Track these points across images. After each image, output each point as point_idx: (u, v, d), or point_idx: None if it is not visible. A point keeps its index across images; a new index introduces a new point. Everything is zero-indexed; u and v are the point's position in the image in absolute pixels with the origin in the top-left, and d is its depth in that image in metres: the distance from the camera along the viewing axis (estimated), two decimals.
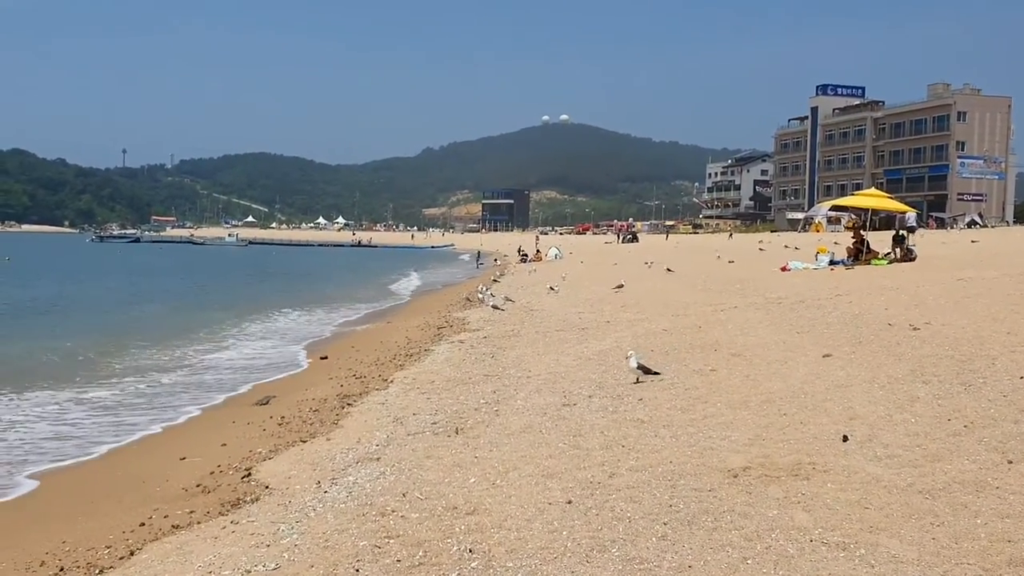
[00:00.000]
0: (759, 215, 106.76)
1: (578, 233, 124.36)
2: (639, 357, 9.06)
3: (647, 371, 8.85)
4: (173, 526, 6.04)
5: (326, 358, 14.90)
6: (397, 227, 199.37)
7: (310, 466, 7.03)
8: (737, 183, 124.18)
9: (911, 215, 27.53)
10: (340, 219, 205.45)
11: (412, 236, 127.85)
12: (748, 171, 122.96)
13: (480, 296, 22.01)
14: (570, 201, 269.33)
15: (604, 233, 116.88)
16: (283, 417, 9.58)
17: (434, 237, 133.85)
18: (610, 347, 11.65)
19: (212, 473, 7.47)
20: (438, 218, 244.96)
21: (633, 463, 6.13)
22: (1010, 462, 5.50)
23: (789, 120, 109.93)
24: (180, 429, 9.90)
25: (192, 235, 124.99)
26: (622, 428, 7.14)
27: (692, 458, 6.11)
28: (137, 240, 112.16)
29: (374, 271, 50.39)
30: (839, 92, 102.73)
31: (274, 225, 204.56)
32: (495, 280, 30.49)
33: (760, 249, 37.98)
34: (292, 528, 5.47)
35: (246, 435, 8.94)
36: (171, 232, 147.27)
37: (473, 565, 4.59)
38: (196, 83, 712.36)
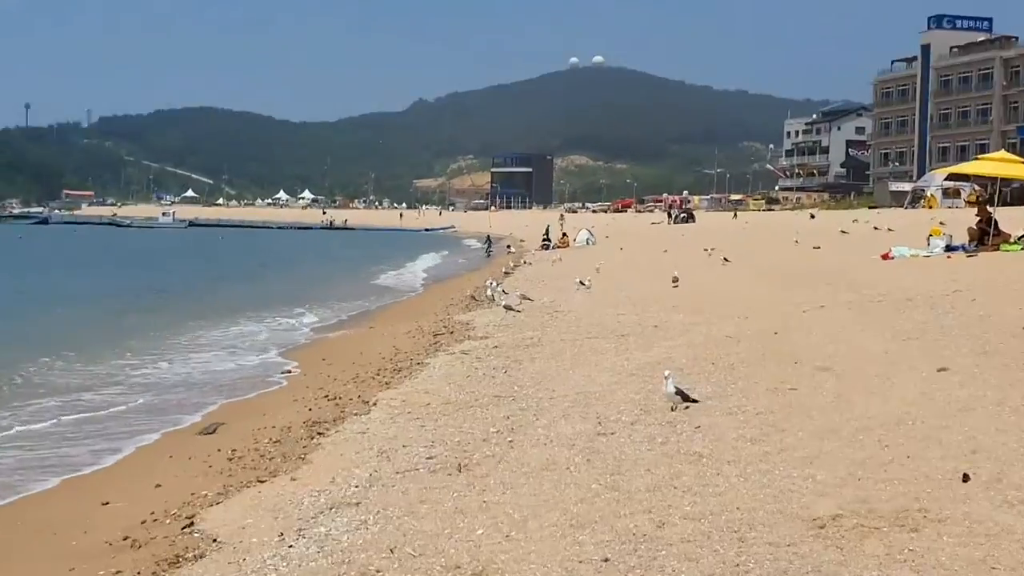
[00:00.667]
0: (853, 186, 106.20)
1: (616, 211, 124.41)
2: (677, 380, 9.07)
3: (686, 398, 8.88)
4: None
5: (290, 372, 15.03)
6: (380, 204, 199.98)
7: (270, 513, 7.08)
8: (824, 144, 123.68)
9: None
10: (306, 194, 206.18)
11: (401, 216, 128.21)
12: (839, 129, 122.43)
13: (489, 293, 22.07)
14: (605, 169, 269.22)
15: (650, 211, 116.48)
16: (234, 450, 9.66)
17: (429, 216, 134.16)
18: (658, 359, 11.67)
19: (144, 522, 7.53)
20: (434, 192, 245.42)
21: (688, 509, 6.14)
22: None
23: (893, 62, 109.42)
24: (105, 467, 9.99)
25: (115, 214, 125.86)
26: (674, 464, 7.17)
27: (766, 503, 6.12)
28: (45, 221, 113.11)
29: (353, 261, 50.62)
30: (959, 25, 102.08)
31: (221, 201, 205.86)
32: (507, 272, 30.59)
33: (843, 232, 37.81)
34: None
35: (187, 473, 9.02)
36: (88, 211, 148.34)
37: None
38: (119, 21, 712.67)
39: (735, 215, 75.72)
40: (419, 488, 7.20)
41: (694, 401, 8.96)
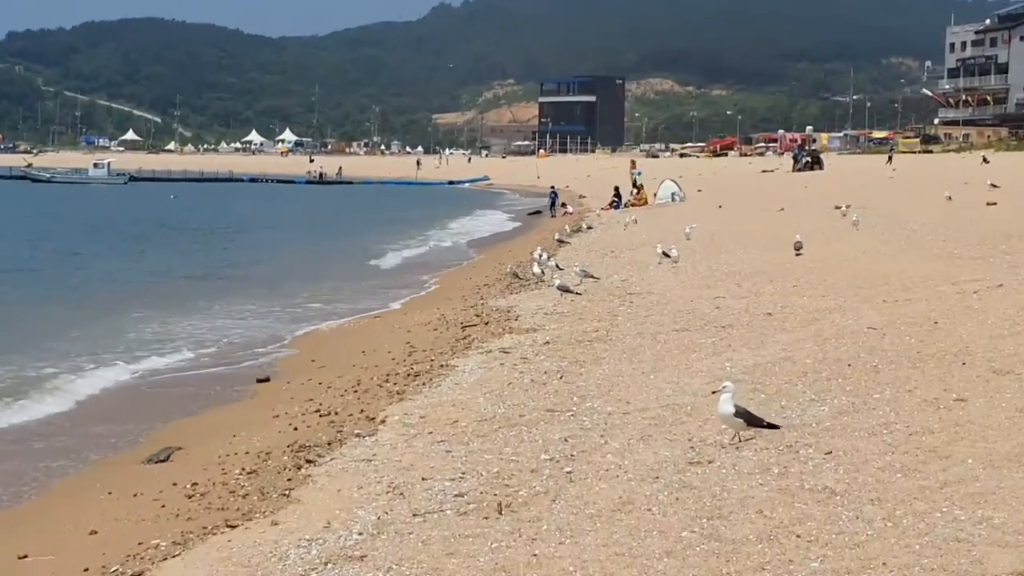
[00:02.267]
0: None
1: (713, 154, 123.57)
2: (736, 397, 8.68)
3: (753, 421, 8.57)
4: None
5: (267, 380, 15.11)
6: (387, 148, 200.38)
7: (244, 569, 7.14)
8: (1002, 61, 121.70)
9: None
10: (287, 135, 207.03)
11: (418, 163, 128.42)
12: (1022, 39, 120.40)
13: (536, 269, 22.01)
14: (698, 97, 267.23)
15: (761, 154, 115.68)
16: (195, 484, 9.75)
17: (455, 164, 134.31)
18: (774, 358, 11.60)
19: None
20: (461, 131, 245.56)
21: (817, 567, 6.12)
22: None
23: None
24: (21, 507, 10.13)
25: (30, 164, 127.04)
26: (796, 504, 7.15)
27: (923, 557, 6.09)
28: None
29: (351, 230, 50.75)
30: None
31: (173, 147, 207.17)
32: (562, 241, 30.52)
33: (993, 187, 36.83)
34: None
35: (132, 516, 9.12)
36: None
37: None
38: None
39: (890, 158, 74.51)
40: (445, 536, 7.22)
41: (771, 427, 8.65)
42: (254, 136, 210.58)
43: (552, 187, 57.03)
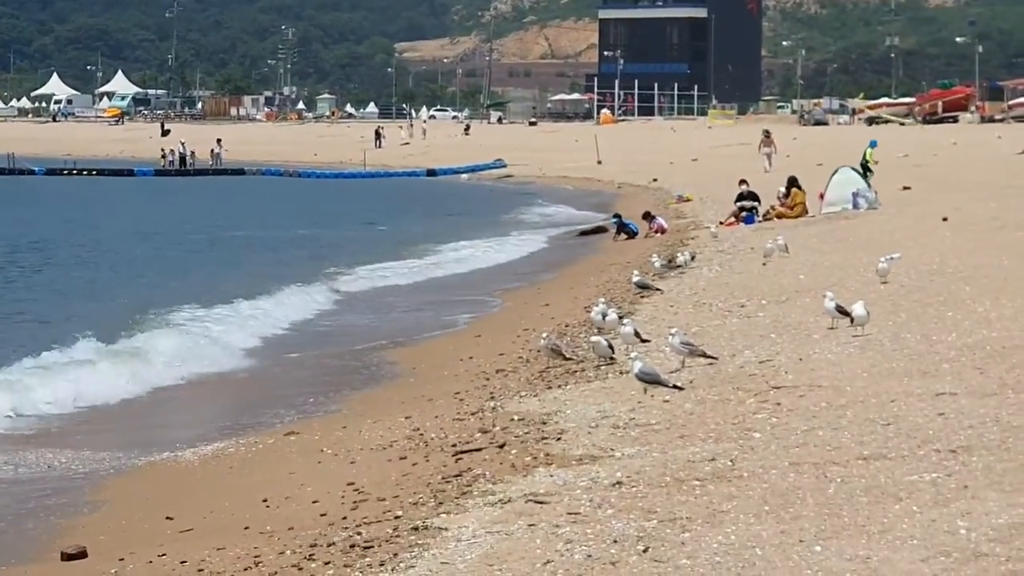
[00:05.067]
0: None
1: (928, 118, 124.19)
2: None
3: None
4: None
5: (82, 556, 15.04)
6: (309, 110, 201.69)
7: None
8: None
9: None
10: (119, 83, 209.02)
11: (377, 135, 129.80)
12: None
13: (601, 340, 21.94)
14: (900, 8, 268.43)
15: (1021, 118, 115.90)
16: None
17: (438, 137, 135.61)
18: None
19: None
20: (450, 74, 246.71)
21: None
22: None
23: None
24: None
25: None
26: None
27: None
28: None
29: (262, 254, 50.93)
30: None
31: None
32: (645, 286, 30.40)
33: None
34: None
35: None
36: None
37: None
38: None
39: None
40: None
41: None
42: (56, 86, 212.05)
43: (616, 215, 54.63)
